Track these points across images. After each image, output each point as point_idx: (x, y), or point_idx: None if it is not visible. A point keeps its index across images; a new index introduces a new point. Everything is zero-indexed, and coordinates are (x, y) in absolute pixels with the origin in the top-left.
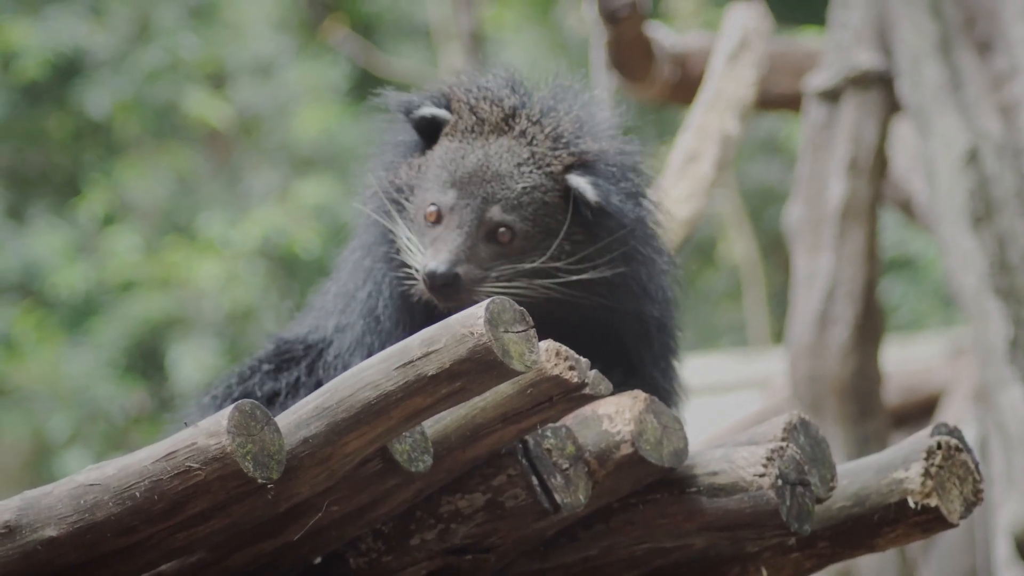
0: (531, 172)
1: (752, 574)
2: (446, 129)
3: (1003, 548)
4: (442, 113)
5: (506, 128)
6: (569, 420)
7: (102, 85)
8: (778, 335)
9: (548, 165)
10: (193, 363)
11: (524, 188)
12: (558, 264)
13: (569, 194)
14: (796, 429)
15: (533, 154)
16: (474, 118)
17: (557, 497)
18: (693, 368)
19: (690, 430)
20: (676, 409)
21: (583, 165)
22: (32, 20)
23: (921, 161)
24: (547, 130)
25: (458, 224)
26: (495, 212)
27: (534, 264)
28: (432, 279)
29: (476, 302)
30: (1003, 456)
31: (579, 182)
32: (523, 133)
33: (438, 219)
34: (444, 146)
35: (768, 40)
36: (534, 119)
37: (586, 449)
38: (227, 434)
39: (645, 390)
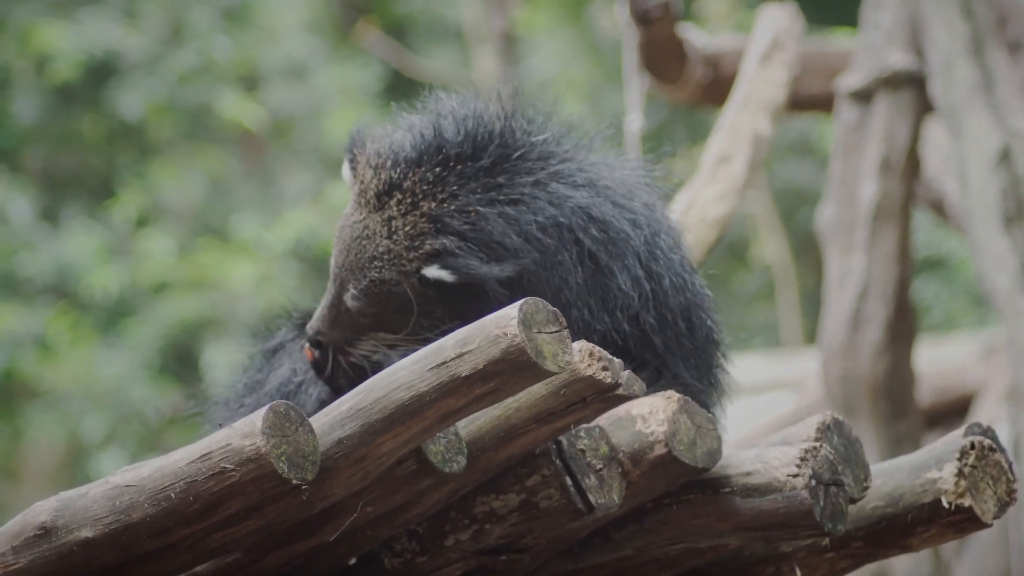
0: (384, 268)
1: (786, 574)
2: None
3: None
4: (346, 176)
5: (378, 206)
6: (603, 421)
7: (135, 87)
8: (811, 335)
9: (402, 265)
10: (227, 364)
11: (373, 281)
12: (428, 335)
13: (423, 282)
14: (830, 429)
15: (390, 250)
16: (359, 185)
17: (591, 497)
18: (732, 363)
19: (724, 430)
20: (712, 409)
21: (436, 256)
22: (65, 23)
23: (953, 161)
24: (408, 226)
25: (328, 294)
26: (348, 298)
27: (397, 337)
28: (307, 340)
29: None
30: None
31: (435, 274)
32: (389, 221)
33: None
34: (349, 203)
35: (800, 41)
36: (404, 206)
37: (620, 449)
38: (261, 435)
39: (677, 390)
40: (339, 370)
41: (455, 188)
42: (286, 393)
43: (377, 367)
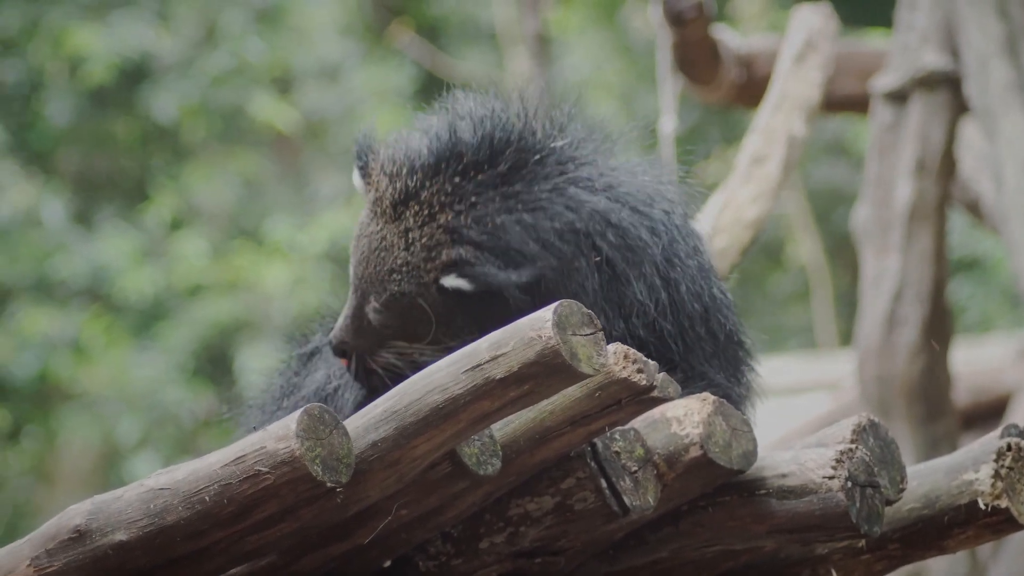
0: (403, 281)
1: None
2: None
3: None
4: (357, 183)
5: (394, 216)
6: (637, 423)
7: (169, 89)
8: (846, 337)
9: (420, 277)
10: (261, 367)
11: (393, 294)
12: (452, 344)
13: (441, 291)
14: (865, 431)
15: (408, 263)
16: (374, 193)
17: (626, 500)
18: (761, 370)
19: (759, 432)
20: (743, 410)
21: (454, 266)
22: (99, 25)
23: (988, 162)
24: (425, 238)
25: (349, 303)
26: (369, 310)
27: (420, 346)
28: (330, 347)
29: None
30: None
31: (453, 283)
32: (406, 233)
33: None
34: (363, 210)
35: (834, 41)
36: (421, 217)
37: (655, 452)
38: (296, 438)
39: (711, 392)
40: (375, 374)
41: (473, 199)
42: (323, 397)
43: (402, 374)
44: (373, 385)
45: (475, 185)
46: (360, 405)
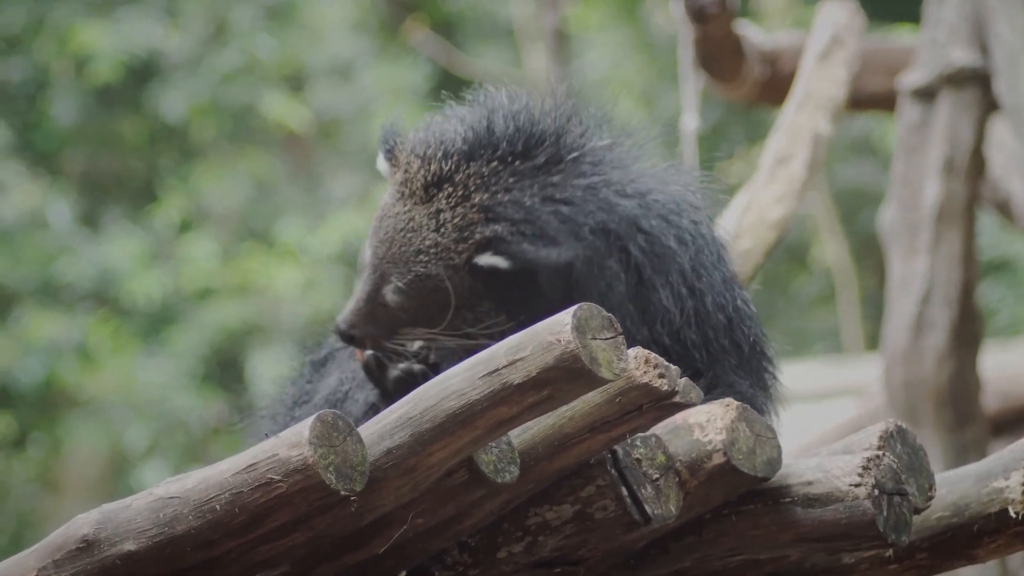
0: (431, 262)
1: None
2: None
3: None
4: (382, 167)
5: (424, 198)
6: (659, 429)
7: (177, 88)
8: (873, 341)
9: (450, 258)
10: (273, 372)
11: (419, 275)
12: (470, 330)
13: (474, 271)
14: (893, 437)
15: (437, 243)
16: (403, 174)
17: (647, 508)
18: (786, 375)
19: (783, 439)
20: (766, 416)
21: (488, 244)
22: (105, 22)
23: (1018, 161)
24: (457, 218)
25: (364, 286)
26: (389, 291)
27: (434, 332)
28: (336, 333)
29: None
30: None
31: (488, 261)
32: (437, 214)
33: (363, 270)
34: (387, 193)
35: (860, 37)
36: (454, 198)
37: (677, 459)
38: (309, 445)
39: (734, 398)
40: (389, 373)
41: (510, 182)
42: (334, 402)
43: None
44: (384, 386)
45: (511, 173)
46: (373, 405)
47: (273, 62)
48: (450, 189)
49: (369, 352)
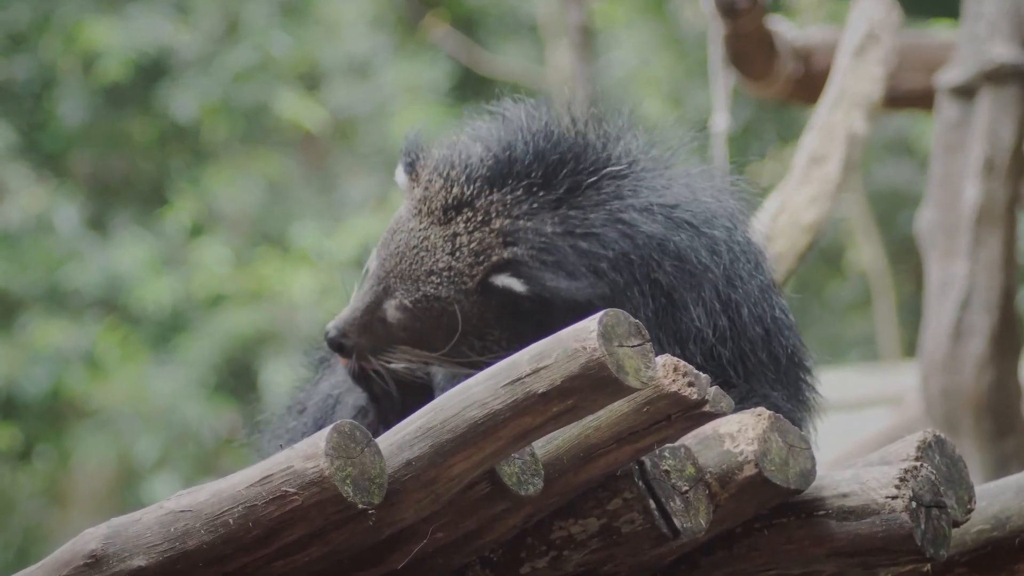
0: (441, 285)
1: None
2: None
3: None
4: (400, 180)
5: (443, 220)
6: (688, 440)
7: (188, 87)
8: (910, 348)
9: (463, 283)
10: (287, 381)
11: (427, 296)
12: (470, 358)
13: (487, 292)
14: (931, 447)
15: (450, 267)
16: (423, 192)
17: (676, 521)
18: (821, 384)
19: (817, 449)
20: (802, 428)
21: (506, 265)
22: (114, 19)
23: None
24: (474, 243)
25: (364, 296)
26: (390, 307)
27: (431, 355)
28: (325, 339)
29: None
30: None
31: (505, 282)
32: (453, 237)
33: (365, 277)
34: (403, 206)
35: (897, 33)
36: (473, 223)
37: (707, 470)
38: (325, 456)
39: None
40: (373, 379)
41: (531, 209)
42: (326, 409)
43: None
44: (372, 390)
45: (532, 201)
46: (361, 408)
47: (288, 60)
48: (470, 214)
49: (353, 361)
